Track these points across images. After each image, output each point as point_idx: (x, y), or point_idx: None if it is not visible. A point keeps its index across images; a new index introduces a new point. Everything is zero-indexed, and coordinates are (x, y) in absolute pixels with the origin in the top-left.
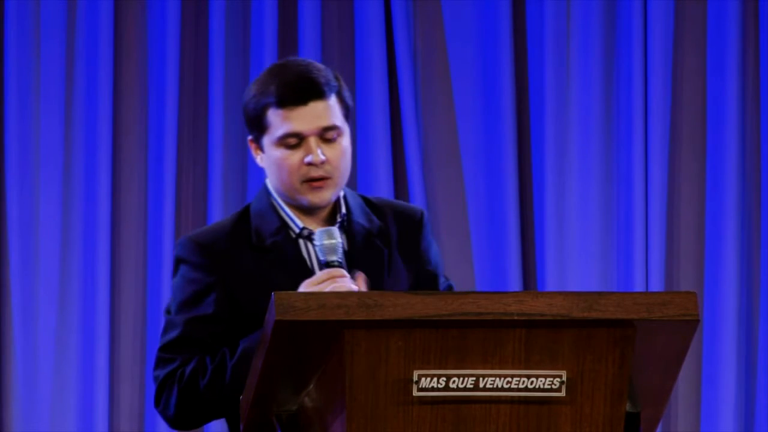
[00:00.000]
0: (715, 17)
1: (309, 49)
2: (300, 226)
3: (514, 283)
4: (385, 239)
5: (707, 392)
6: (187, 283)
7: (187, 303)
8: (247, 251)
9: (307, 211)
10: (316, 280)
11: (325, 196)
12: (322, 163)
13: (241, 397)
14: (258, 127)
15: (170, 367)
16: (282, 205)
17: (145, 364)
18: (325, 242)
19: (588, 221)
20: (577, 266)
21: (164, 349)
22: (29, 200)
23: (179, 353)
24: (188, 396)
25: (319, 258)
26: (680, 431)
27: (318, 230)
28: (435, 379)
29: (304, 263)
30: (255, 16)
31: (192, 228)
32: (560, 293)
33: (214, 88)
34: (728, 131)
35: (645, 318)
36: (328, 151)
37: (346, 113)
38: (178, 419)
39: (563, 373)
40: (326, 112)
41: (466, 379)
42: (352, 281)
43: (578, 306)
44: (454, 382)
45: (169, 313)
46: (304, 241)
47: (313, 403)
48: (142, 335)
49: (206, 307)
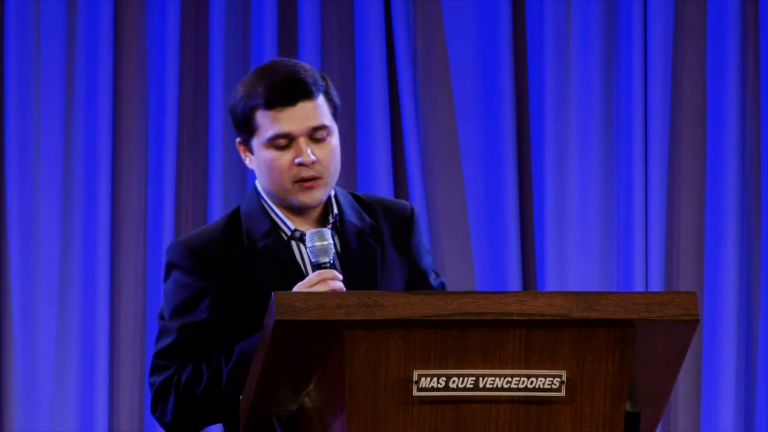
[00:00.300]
0: (715, 17)
1: (309, 49)
2: (291, 227)
3: (514, 283)
4: (378, 237)
5: (707, 392)
6: (180, 289)
7: (181, 308)
8: (239, 254)
9: (298, 212)
10: (307, 282)
11: (316, 196)
12: (312, 163)
13: (241, 397)
14: (247, 129)
15: (166, 373)
16: (272, 206)
17: (144, 365)
18: (317, 244)
19: (588, 221)
20: (576, 266)
21: (159, 355)
22: (29, 200)
23: (174, 360)
24: (185, 402)
25: (310, 260)
26: (680, 431)
27: (309, 232)
28: (435, 379)
29: (297, 265)
30: (255, 16)
31: (192, 228)
32: (560, 293)
33: (214, 88)
34: (728, 131)
35: (645, 318)
36: (318, 150)
37: (334, 112)
38: (175, 425)
39: (563, 372)
40: (315, 111)
41: (466, 379)
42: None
43: (578, 306)
44: (454, 382)
45: (162, 318)
46: (296, 243)
47: (313, 403)
48: (142, 336)
49: (200, 313)
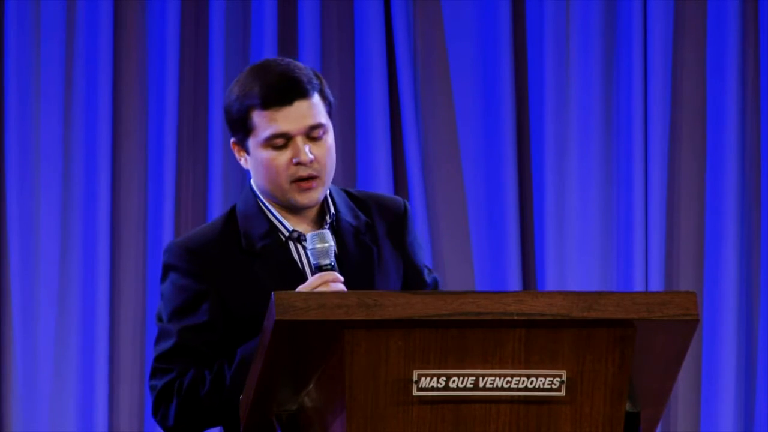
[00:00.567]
0: (714, 17)
1: (309, 49)
2: (290, 228)
3: (514, 283)
4: (373, 236)
5: (707, 392)
6: (179, 291)
7: (180, 311)
8: (237, 256)
9: (294, 211)
10: (309, 285)
11: (314, 196)
12: (310, 162)
13: (241, 397)
14: (243, 129)
15: (167, 377)
16: (270, 207)
17: (144, 365)
18: (318, 246)
19: (588, 221)
20: (576, 266)
21: (160, 359)
22: (29, 200)
23: (175, 363)
24: (188, 406)
25: (310, 262)
26: (680, 431)
27: (309, 234)
28: (435, 379)
29: (296, 266)
30: (255, 16)
31: (192, 228)
32: (560, 293)
33: (214, 88)
34: (728, 131)
35: (645, 318)
36: (315, 149)
37: (329, 110)
38: (178, 429)
39: (563, 372)
40: (311, 110)
41: (466, 378)
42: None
43: (578, 306)
44: (454, 381)
45: (160, 320)
46: (294, 244)
47: (313, 403)
48: (142, 335)
49: (200, 316)
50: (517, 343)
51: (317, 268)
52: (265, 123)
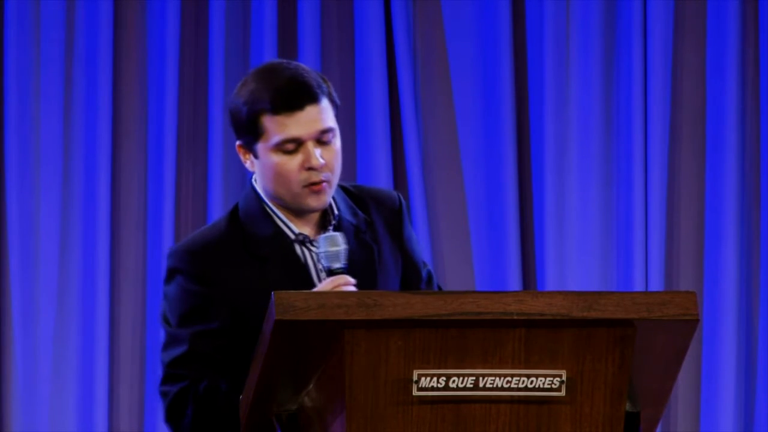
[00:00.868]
0: (714, 17)
1: (309, 49)
2: (296, 231)
3: (514, 283)
4: (373, 233)
5: (707, 392)
6: (187, 296)
7: (190, 316)
8: (244, 259)
9: (299, 213)
10: (321, 289)
11: (324, 199)
12: (321, 167)
13: (240, 397)
14: (252, 133)
15: (181, 384)
16: (275, 209)
17: (144, 365)
18: (330, 249)
19: (588, 221)
20: (576, 266)
21: (173, 365)
22: (29, 201)
23: (189, 369)
24: (205, 412)
25: (322, 265)
26: (680, 431)
27: (321, 237)
28: (435, 379)
29: (304, 269)
30: (255, 16)
31: (192, 228)
32: (560, 293)
33: (214, 89)
34: (728, 131)
35: (645, 318)
36: (325, 153)
37: (336, 113)
38: None
39: (563, 372)
40: (321, 115)
41: (466, 378)
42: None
43: (578, 306)
44: (453, 381)
45: (168, 324)
46: (300, 247)
47: (312, 403)
48: (142, 336)
49: (210, 321)
50: (517, 343)
51: (329, 271)
52: (276, 128)
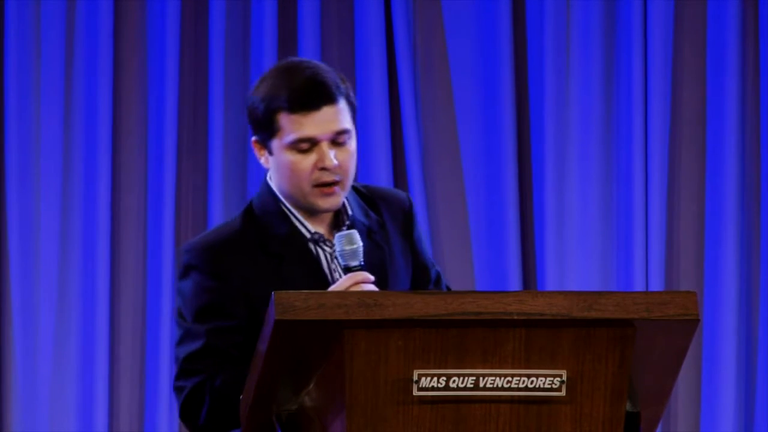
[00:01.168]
0: (714, 17)
1: (309, 49)
2: (312, 230)
3: (514, 283)
4: (385, 234)
5: (707, 392)
6: (203, 292)
7: (206, 312)
8: (259, 257)
9: (313, 213)
10: (340, 286)
11: (336, 201)
12: (334, 168)
13: (241, 396)
14: (268, 130)
15: (197, 378)
16: (291, 208)
17: (144, 365)
18: (346, 248)
19: (588, 221)
20: (576, 266)
21: (188, 360)
22: (29, 201)
23: (204, 364)
24: (220, 408)
25: (339, 263)
26: (680, 431)
27: (337, 235)
28: (435, 379)
29: (320, 268)
30: (255, 16)
31: (192, 228)
32: (560, 293)
33: (214, 89)
34: (728, 131)
35: (645, 318)
36: (339, 154)
37: (353, 114)
38: (207, 428)
39: (563, 372)
40: (338, 116)
41: (466, 378)
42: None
43: (578, 306)
44: (454, 381)
45: (183, 319)
46: (314, 246)
47: (313, 403)
48: (142, 335)
49: (226, 317)
50: (517, 343)
51: (346, 269)
52: (292, 126)
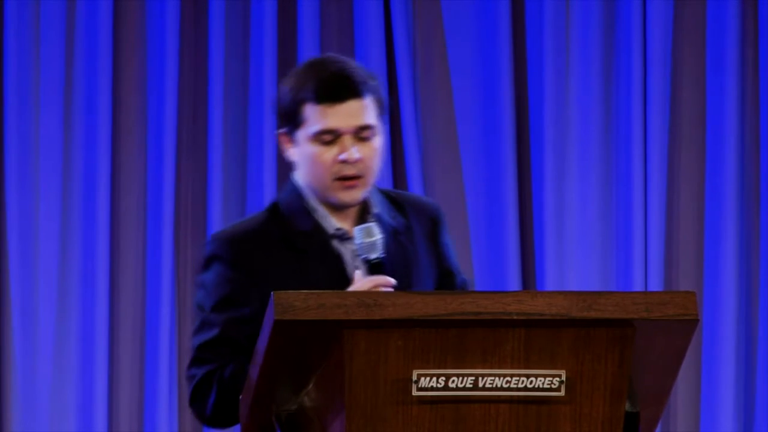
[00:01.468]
0: (714, 17)
1: (309, 50)
2: (335, 226)
3: (514, 282)
4: (410, 236)
5: (706, 392)
6: (224, 282)
7: (225, 302)
8: (281, 251)
9: (337, 208)
10: (359, 288)
11: (356, 195)
12: (355, 162)
13: (240, 396)
14: (293, 121)
15: (207, 367)
16: (315, 204)
17: (144, 365)
18: (366, 240)
19: (587, 221)
20: (576, 266)
21: (201, 348)
22: (29, 200)
23: (217, 353)
24: (228, 398)
25: (359, 256)
26: (680, 431)
27: (356, 228)
28: (434, 379)
29: (341, 264)
30: (254, 16)
31: (192, 228)
32: (559, 293)
33: (214, 89)
34: (727, 131)
35: (644, 318)
36: (362, 149)
37: (381, 112)
38: (215, 419)
39: (562, 372)
40: (363, 111)
41: (466, 378)
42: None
43: (577, 306)
44: (453, 381)
45: (202, 309)
46: (338, 242)
47: (312, 403)
48: (142, 335)
49: (244, 308)
50: (516, 343)
51: (366, 262)
52: (316, 117)
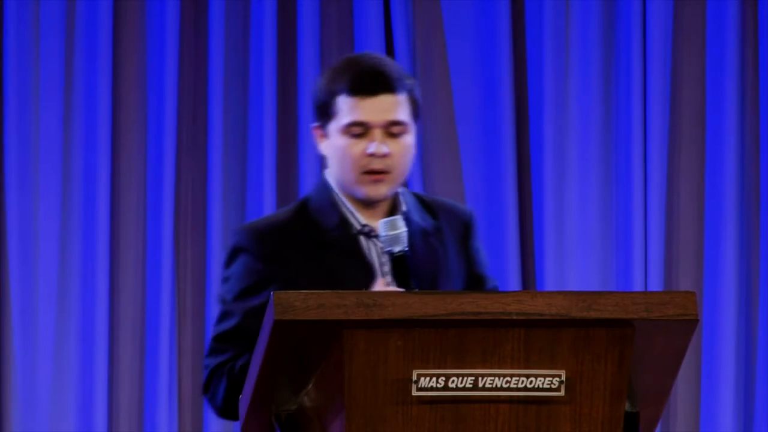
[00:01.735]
0: (714, 17)
1: (308, 50)
2: (362, 222)
3: (514, 283)
4: (440, 238)
5: (706, 392)
6: (247, 273)
7: (246, 293)
8: (307, 246)
9: (367, 205)
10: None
11: (382, 190)
12: (383, 156)
13: (240, 396)
14: (326, 113)
15: (222, 357)
16: (343, 199)
17: (144, 365)
18: (390, 233)
19: (587, 221)
20: (576, 266)
21: (218, 338)
22: (28, 200)
23: (232, 344)
24: (238, 389)
25: (383, 249)
26: (680, 431)
27: (381, 221)
28: (434, 379)
29: (366, 261)
30: (254, 16)
31: (191, 228)
32: (559, 293)
33: (214, 88)
34: (727, 131)
35: (644, 318)
36: (392, 145)
37: (415, 113)
38: (225, 409)
39: (562, 372)
40: (395, 106)
41: (465, 378)
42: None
43: (577, 306)
44: (453, 381)
45: (224, 301)
46: (365, 239)
47: (312, 403)
48: (141, 335)
49: (264, 300)
50: (516, 343)
51: (390, 255)
52: (348, 109)
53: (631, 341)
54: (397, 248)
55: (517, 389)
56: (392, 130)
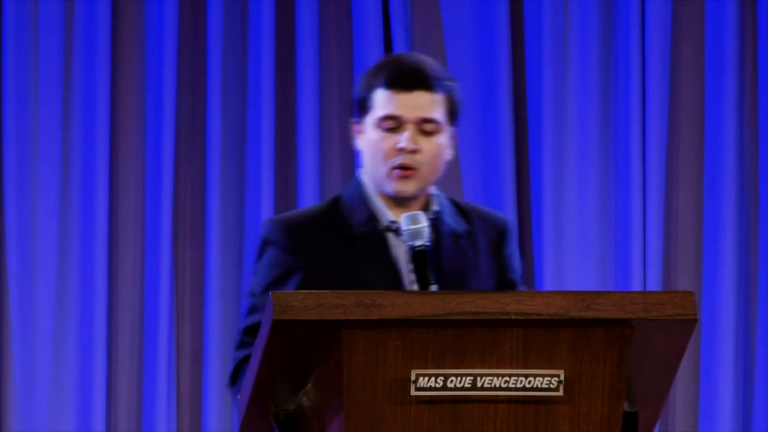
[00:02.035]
0: (713, 16)
1: (307, 50)
2: (390, 218)
3: None
4: (472, 242)
5: (705, 392)
6: (275, 265)
7: (273, 284)
8: (335, 240)
9: (397, 203)
10: None
11: (410, 187)
12: (413, 152)
13: (239, 396)
14: (363, 107)
15: (247, 351)
16: (374, 196)
17: (142, 365)
18: (411, 227)
19: (586, 221)
20: (574, 266)
21: (246, 331)
22: (27, 201)
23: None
24: None
25: (405, 243)
26: (678, 431)
27: (404, 215)
28: (433, 379)
29: (391, 257)
30: (253, 16)
31: (190, 227)
32: (558, 293)
33: (212, 88)
34: (726, 131)
35: (643, 318)
36: (423, 142)
37: (452, 115)
38: None
39: (561, 372)
40: (430, 104)
41: (464, 378)
42: None
43: (576, 305)
44: (451, 381)
45: (253, 295)
46: (392, 235)
47: (311, 403)
48: (140, 336)
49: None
50: (514, 343)
51: (411, 249)
52: (383, 102)
53: (630, 341)
54: (418, 242)
55: (516, 389)
56: (425, 127)
